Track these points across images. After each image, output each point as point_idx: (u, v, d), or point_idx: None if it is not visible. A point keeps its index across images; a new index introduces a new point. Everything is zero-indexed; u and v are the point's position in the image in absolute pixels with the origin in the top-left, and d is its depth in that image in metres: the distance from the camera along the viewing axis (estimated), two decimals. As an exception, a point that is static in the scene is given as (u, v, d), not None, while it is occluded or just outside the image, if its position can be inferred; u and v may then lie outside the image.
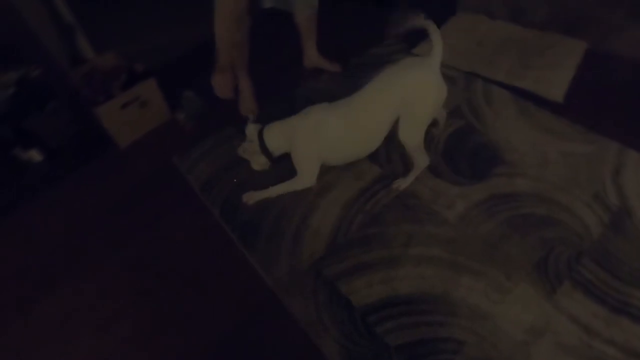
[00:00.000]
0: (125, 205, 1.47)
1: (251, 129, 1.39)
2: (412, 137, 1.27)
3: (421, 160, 1.34)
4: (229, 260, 1.26)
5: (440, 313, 1.07)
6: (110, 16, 2.55)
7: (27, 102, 1.54)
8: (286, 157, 1.41)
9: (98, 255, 1.33)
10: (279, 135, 1.36)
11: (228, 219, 1.36)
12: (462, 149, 1.50)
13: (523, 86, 1.74)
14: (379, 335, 1.04)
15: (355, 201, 1.36)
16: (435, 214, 1.30)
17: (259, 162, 1.42)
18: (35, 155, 1.62)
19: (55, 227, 1.43)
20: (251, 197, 1.40)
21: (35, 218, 1.47)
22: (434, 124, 1.49)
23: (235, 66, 1.66)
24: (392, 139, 1.33)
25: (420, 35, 2.07)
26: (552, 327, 1.02)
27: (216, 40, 1.44)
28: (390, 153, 1.50)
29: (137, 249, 1.33)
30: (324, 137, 1.30)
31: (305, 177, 1.39)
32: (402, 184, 1.37)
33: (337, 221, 1.31)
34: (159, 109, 1.72)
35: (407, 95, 1.21)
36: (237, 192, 1.43)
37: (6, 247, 1.40)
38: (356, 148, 1.38)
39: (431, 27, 1.17)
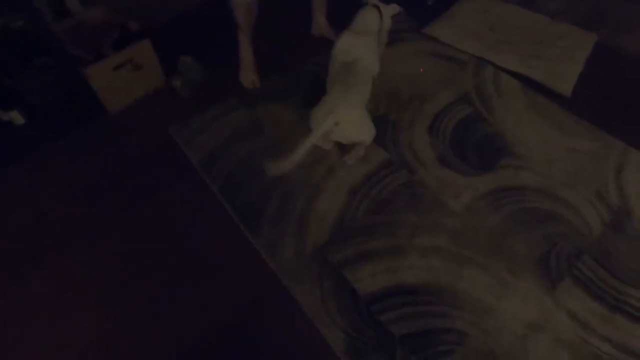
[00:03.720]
0: (116, 176, 1.38)
1: None
2: None
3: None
4: (229, 242, 1.22)
5: (444, 304, 1.08)
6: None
7: (9, 57, 1.38)
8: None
9: (86, 231, 1.25)
10: None
11: (229, 198, 1.30)
12: (470, 138, 1.47)
13: (533, 76, 1.71)
14: (384, 325, 1.04)
15: (361, 186, 1.33)
16: (442, 204, 1.28)
17: None
18: (17, 117, 1.48)
19: (39, 199, 1.33)
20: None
21: (18, 188, 1.36)
22: None
23: (241, 30, 1.55)
24: (398, 124, 1.28)
25: (431, 14, 2.00)
26: (551, 322, 1.05)
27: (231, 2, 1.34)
28: (397, 137, 1.46)
29: (129, 227, 1.26)
30: None
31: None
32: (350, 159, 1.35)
33: (342, 206, 1.28)
34: (153, 73, 1.59)
35: None
36: (242, 169, 1.36)
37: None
38: None
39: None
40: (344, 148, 1.39)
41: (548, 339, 1.02)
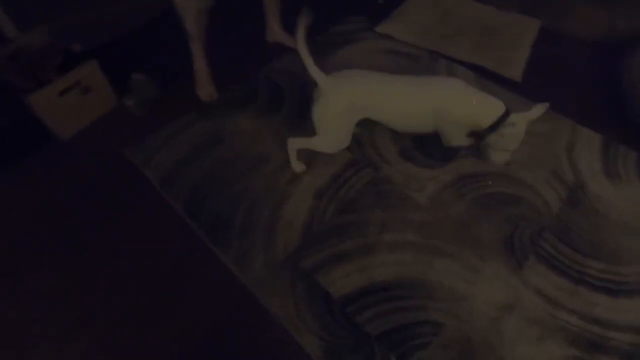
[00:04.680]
0: (73, 204, 1.32)
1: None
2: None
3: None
4: (199, 260, 1.19)
5: (418, 297, 1.09)
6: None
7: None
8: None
9: (46, 261, 1.19)
10: None
11: (195, 215, 1.27)
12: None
13: (485, 65, 1.77)
14: (359, 325, 1.04)
15: (328, 189, 1.33)
16: (408, 199, 1.30)
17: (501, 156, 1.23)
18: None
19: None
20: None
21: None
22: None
23: (192, 40, 1.52)
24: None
25: (383, 13, 2.04)
26: (521, 301, 1.08)
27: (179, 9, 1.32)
28: (360, 137, 1.47)
29: (90, 255, 1.20)
30: None
31: None
32: None
33: (310, 211, 1.27)
34: (104, 95, 1.54)
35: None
36: (205, 183, 1.33)
37: None
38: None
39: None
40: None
41: (519, 319, 1.05)
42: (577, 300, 1.08)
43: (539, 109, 1.14)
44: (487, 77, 1.71)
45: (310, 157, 1.40)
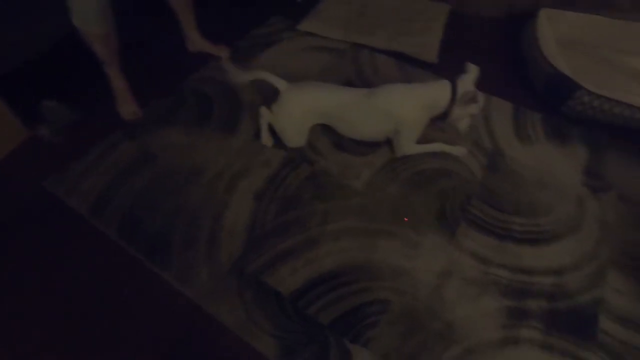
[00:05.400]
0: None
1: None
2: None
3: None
4: (141, 284, 1.14)
5: (364, 280, 1.13)
6: None
7: None
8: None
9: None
10: None
11: (130, 238, 1.21)
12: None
13: (403, 51, 1.86)
14: (312, 317, 1.06)
15: (266, 190, 1.33)
16: (346, 187, 1.34)
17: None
18: None
19: None
20: None
21: None
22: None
23: (104, 63, 1.45)
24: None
25: (303, 11, 2.07)
26: (457, 266, 1.16)
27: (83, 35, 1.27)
28: (293, 135, 1.49)
29: (24, 302, 1.11)
30: None
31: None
32: None
33: (251, 214, 1.27)
34: (10, 127, 1.42)
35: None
36: (140, 204, 1.28)
37: None
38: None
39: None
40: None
41: (457, 282, 1.12)
42: (505, 255, 1.18)
43: (470, 67, 1.29)
44: (407, 62, 1.81)
45: (246, 163, 1.40)
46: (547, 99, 1.61)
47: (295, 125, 1.38)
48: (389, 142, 1.45)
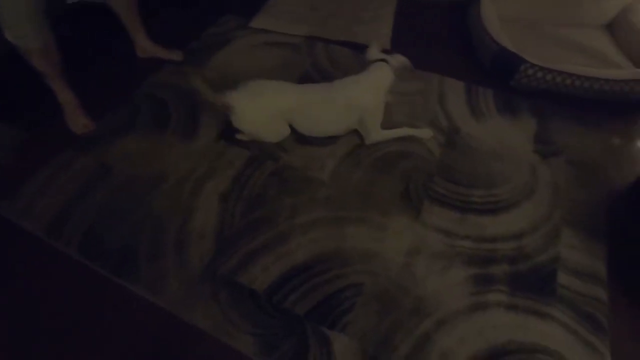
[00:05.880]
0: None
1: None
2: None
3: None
4: (112, 297, 1.10)
5: (336, 267, 1.14)
6: None
7: None
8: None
9: None
10: None
11: (93, 255, 1.17)
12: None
13: (357, 40, 1.88)
14: (288, 310, 1.06)
15: (232, 190, 1.32)
16: (311, 179, 1.35)
17: None
18: None
19: None
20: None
21: None
22: None
23: (47, 77, 1.39)
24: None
25: (254, 8, 2.05)
26: (424, 242, 1.20)
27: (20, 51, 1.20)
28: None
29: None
30: None
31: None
32: None
33: (219, 216, 1.26)
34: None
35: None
36: (102, 218, 1.24)
37: None
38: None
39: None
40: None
41: (425, 258, 1.16)
42: (468, 227, 1.23)
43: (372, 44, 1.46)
44: (362, 51, 1.83)
45: (210, 165, 1.38)
46: (496, 75, 1.69)
47: (265, 126, 1.37)
48: (351, 132, 1.48)
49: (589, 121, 1.57)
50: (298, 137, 1.47)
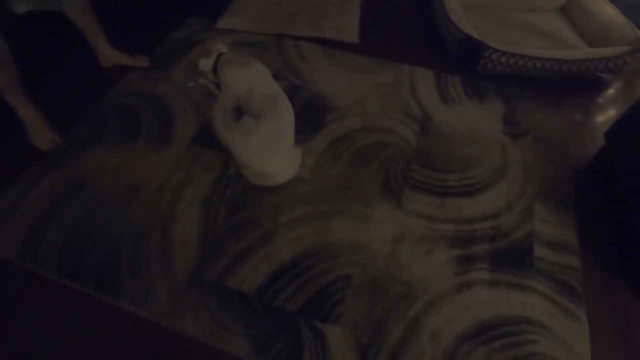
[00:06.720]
0: None
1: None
2: None
3: None
4: (97, 315, 1.07)
5: (324, 261, 1.15)
6: None
7: None
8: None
9: None
10: None
11: (73, 274, 1.13)
12: (295, 108, 1.56)
13: (325, 36, 1.89)
14: (279, 308, 1.07)
15: (213, 194, 1.30)
16: (292, 177, 1.35)
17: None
18: None
19: None
20: None
21: None
22: None
23: (4, 92, 1.31)
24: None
25: (219, 9, 2.02)
26: (407, 229, 1.23)
27: None
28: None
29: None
30: None
31: None
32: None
33: (201, 222, 1.24)
34: None
35: None
36: (77, 236, 1.19)
37: None
38: None
39: None
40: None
41: (409, 244, 1.19)
42: (448, 210, 1.27)
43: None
44: (330, 46, 1.84)
45: (187, 171, 1.36)
46: (462, 62, 1.74)
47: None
48: (328, 127, 1.49)
49: (551, 100, 1.65)
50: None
